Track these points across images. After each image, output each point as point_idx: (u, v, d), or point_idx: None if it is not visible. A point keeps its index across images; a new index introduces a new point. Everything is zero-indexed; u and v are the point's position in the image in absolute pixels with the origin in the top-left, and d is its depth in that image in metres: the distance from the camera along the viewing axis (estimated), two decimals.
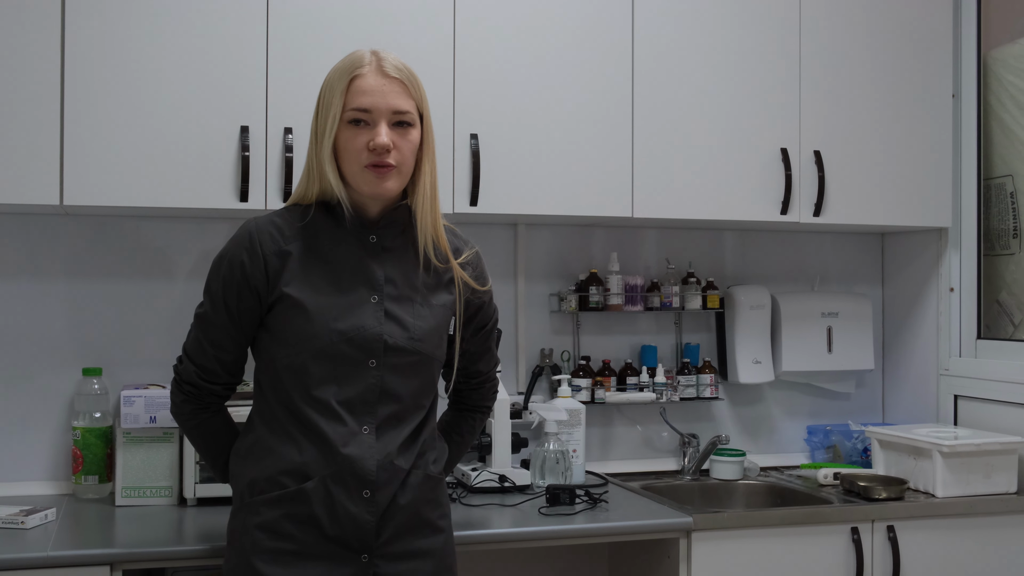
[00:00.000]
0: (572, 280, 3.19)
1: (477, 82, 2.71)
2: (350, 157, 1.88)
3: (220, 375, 1.98)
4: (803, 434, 3.40)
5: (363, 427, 1.89)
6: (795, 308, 3.33)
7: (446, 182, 2.65)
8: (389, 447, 1.89)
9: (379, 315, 1.90)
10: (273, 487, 1.88)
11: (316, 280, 1.90)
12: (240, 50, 2.53)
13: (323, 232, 1.93)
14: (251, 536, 1.88)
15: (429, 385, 1.99)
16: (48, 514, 2.40)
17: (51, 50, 2.42)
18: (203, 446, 2.08)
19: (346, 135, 1.87)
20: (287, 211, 1.96)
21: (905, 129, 3.11)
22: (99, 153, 2.45)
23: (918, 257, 3.38)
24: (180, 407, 2.02)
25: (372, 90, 1.86)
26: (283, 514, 1.87)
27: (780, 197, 2.97)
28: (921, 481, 2.87)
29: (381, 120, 1.86)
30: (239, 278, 1.90)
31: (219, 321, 1.93)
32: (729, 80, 2.94)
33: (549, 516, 2.52)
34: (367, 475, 1.86)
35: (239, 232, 1.94)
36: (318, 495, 1.86)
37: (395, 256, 1.95)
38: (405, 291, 1.94)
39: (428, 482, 1.96)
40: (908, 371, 3.41)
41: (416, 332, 1.92)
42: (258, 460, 1.91)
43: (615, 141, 2.83)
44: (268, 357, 1.93)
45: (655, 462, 3.25)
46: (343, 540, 1.88)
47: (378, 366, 1.89)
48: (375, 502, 1.88)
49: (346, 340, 1.87)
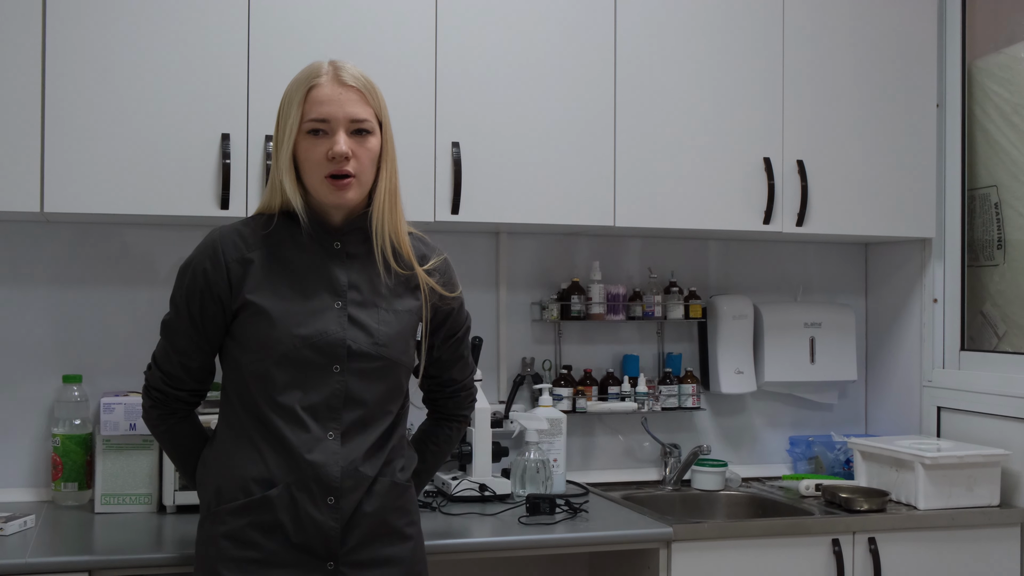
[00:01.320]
0: (554, 289, 3.20)
1: (459, 90, 2.73)
2: (310, 167, 1.91)
3: (186, 382, 2.01)
4: (785, 445, 3.41)
5: (328, 433, 1.91)
6: (778, 318, 3.34)
7: (427, 190, 2.68)
8: (354, 453, 1.91)
9: (342, 320, 1.93)
10: (238, 495, 1.90)
11: (279, 286, 1.93)
12: (221, 57, 2.56)
13: (287, 239, 1.96)
14: (217, 545, 1.91)
15: (396, 391, 2.00)
16: (27, 521, 2.42)
17: (32, 56, 2.44)
18: (172, 452, 2.11)
19: (305, 145, 1.91)
20: (253, 219, 2.00)
21: (889, 138, 3.13)
22: (80, 160, 2.47)
23: (902, 268, 3.38)
24: (148, 412, 2.07)
25: (329, 99, 1.90)
26: (248, 522, 1.89)
27: (763, 207, 2.98)
28: (903, 493, 2.88)
29: (339, 129, 1.89)
30: (202, 286, 1.94)
31: (183, 329, 1.97)
32: (712, 88, 2.96)
33: (529, 525, 2.54)
34: (331, 482, 1.88)
35: (204, 241, 1.98)
36: (283, 502, 1.88)
37: (360, 262, 1.98)
38: (370, 297, 1.96)
39: (394, 490, 1.98)
40: (891, 382, 3.41)
41: (380, 337, 1.94)
42: (223, 468, 1.94)
43: (597, 149, 2.85)
44: (234, 364, 1.96)
45: (636, 472, 3.27)
46: (309, 548, 1.90)
47: (342, 371, 1.92)
48: (339, 509, 1.89)
49: (309, 345, 1.90)
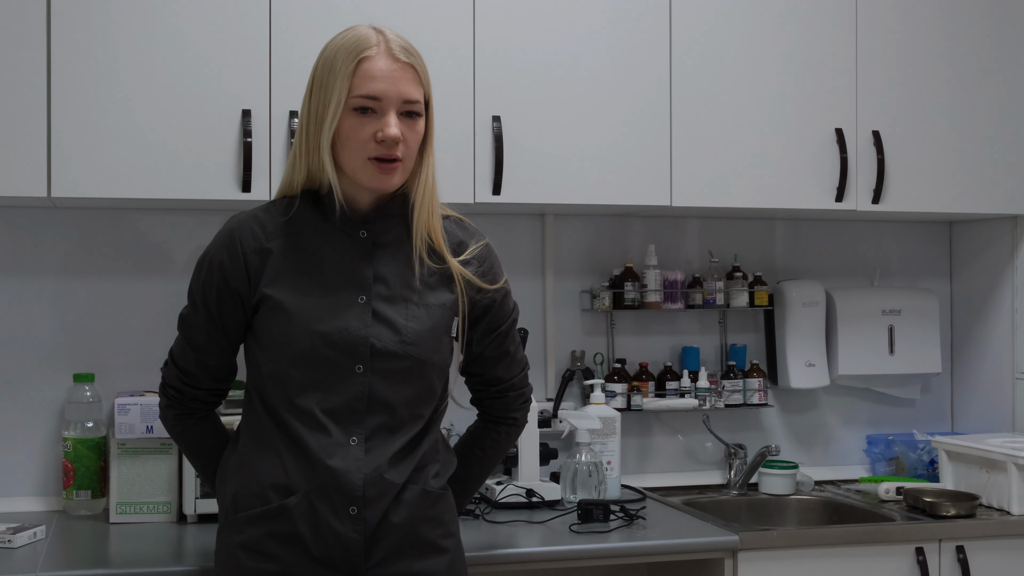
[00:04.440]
0: (605, 276, 3.19)
1: (499, 59, 2.71)
2: (353, 147, 1.88)
3: (204, 380, 2.02)
4: (862, 444, 3.40)
5: (351, 438, 1.89)
6: (852, 305, 3.32)
7: (466, 169, 2.67)
8: (379, 460, 1.89)
9: (366, 317, 1.91)
10: (255, 503, 1.90)
11: (298, 280, 1.92)
12: (241, 27, 2.55)
13: (308, 227, 1.95)
14: (234, 556, 1.91)
15: (426, 393, 1.97)
16: (37, 532, 2.42)
17: (37, 28, 2.44)
18: (191, 455, 2.13)
19: (349, 123, 1.87)
20: (272, 205, 1.99)
21: (975, 106, 3.10)
22: (90, 140, 2.46)
23: (990, 248, 3.37)
24: (165, 412, 2.08)
25: (382, 75, 1.86)
26: (266, 532, 1.89)
27: (835, 183, 2.96)
28: (995, 497, 2.86)
29: (390, 109, 1.86)
30: (218, 280, 1.94)
31: (200, 324, 1.97)
32: (777, 54, 2.94)
33: (581, 534, 2.54)
34: (353, 490, 1.87)
35: (221, 230, 1.98)
36: (301, 511, 1.87)
37: (388, 252, 1.96)
38: (399, 290, 1.94)
39: (426, 498, 1.95)
40: (980, 375, 3.40)
41: (408, 335, 1.92)
42: (242, 474, 1.94)
43: (652, 121, 2.83)
44: (254, 364, 1.96)
45: (698, 475, 3.27)
46: (330, 561, 1.88)
47: (365, 372, 1.89)
48: (363, 519, 1.87)
49: (327, 343, 1.88)
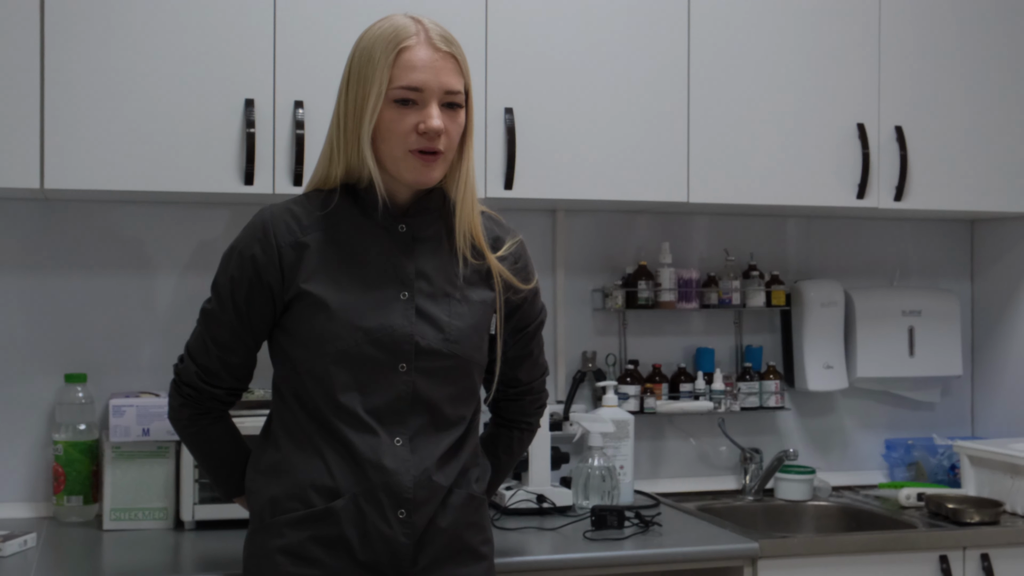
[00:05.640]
0: (618, 274, 3.20)
1: (512, 50, 2.72)
2: (393, 140, 1.88)
3: (223, 378, 2.00)
4: (881, 449, 3.41)
5: (395, 439, 1.89)
6: (872, 306, 3.34)
7: (478, 163, 2.65)
8: (426, 461, 1.90)
9: (409, 314, 1.91)
10: (298, 506, 1.89)
11: (338, 275, 1.91)
12: (244, 12, 2.54)
13: (345, 221, 1.94)
14: (272, 561, 1.90)
15: (468, 393, 1.99)
16: (27, 540, 2.41)
17: (30, 12, 2.42)
18: (202, 457, 2.11)
19: (390, 115, 1.88)
20: (306, 198, 1.98)
21: (999, 102, 3.11)
22: (84, 130, 2.45)
23: (1014, 247, 3.38)
24: (177, 412, 2.05)
25: (424, 65, 1.87)
26: (309, 536, 1.88)
27: (856, 179, 2.98)
28: (1019, 503, 2.87)
29: (432, 100, 1.87)
30: (250, 274, 1.92)
31: (226, 320, 1.95)
32: (798, 47, 2.95)
33: (595, 541, 2.54)
34: (403, 492, 1.87)
35: (252, 221, 1.96)
36: (348, 515, 1.87)
37: (429, 247, 1.97)
38: (441, 286, 1.95)
39: (471, 503, 1.97)
40: (1002, 377, 3.41)
41: (452, 333, 1.93)
42: (280, 475, 1.92)
43: (669, 115, 2.83)
44: (289, 361, 1.94)
45: (712, 480, 3.28)
46: (375, 566, 1.88)
47: (409, 371, 1.90)
48: (412, 523, 1.88)
49: (371, 341, 1.88)
